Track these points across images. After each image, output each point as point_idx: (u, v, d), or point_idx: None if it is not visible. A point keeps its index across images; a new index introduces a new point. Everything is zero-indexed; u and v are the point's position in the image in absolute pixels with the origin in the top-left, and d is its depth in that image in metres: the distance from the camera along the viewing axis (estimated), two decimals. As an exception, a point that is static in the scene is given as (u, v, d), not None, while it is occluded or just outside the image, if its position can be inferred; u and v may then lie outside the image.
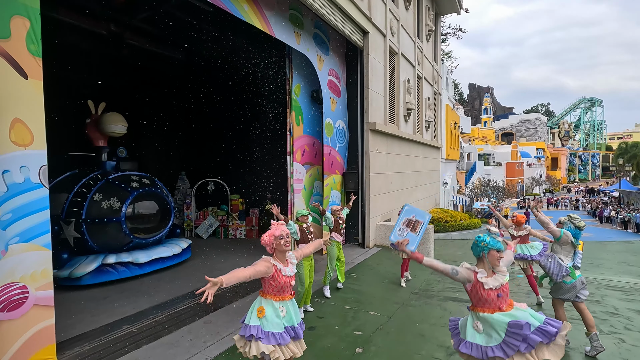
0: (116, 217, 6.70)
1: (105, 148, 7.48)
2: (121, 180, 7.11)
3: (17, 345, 3.46)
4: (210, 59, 10.60)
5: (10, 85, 3.39)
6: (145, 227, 7.20)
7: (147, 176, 7.68)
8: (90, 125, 7.37)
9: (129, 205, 6.85)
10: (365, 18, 9.26)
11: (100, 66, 9.22)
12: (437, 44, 18.81)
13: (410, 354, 4.15)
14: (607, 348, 4.35)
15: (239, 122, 11.56)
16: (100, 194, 6.76)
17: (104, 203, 6.72)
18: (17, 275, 3.47)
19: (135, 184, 7.19)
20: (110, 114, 7.39)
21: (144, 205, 7.22)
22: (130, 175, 7.33)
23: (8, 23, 3.37)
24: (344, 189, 9.48)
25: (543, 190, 57.89)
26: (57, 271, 6.06)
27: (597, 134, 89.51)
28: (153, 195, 7.39)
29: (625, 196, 37.71)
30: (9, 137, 3.40)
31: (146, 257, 6.89)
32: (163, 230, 7.54)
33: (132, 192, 6.95)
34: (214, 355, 4.01)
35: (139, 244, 7.09)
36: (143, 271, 6.86)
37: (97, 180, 6.96)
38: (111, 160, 7.51)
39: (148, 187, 7.33)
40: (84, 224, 6.55)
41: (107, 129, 7.31)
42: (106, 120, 7.28)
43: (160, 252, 7.20)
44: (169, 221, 7.66)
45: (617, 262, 10.60)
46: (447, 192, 24.40)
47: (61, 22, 7.65)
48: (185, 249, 7.84)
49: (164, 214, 7.55)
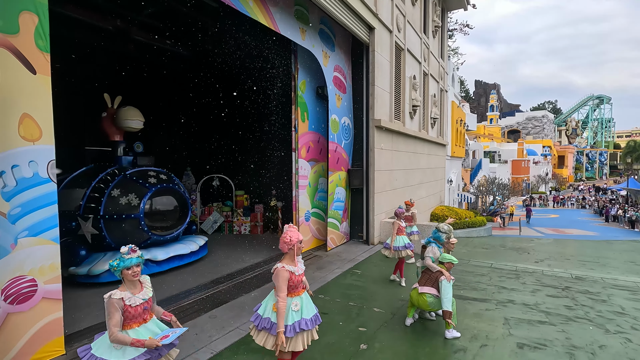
0: (134, 213, 6.58)
1: (121, 143, 7.38)
2: (139, 175, 6.98)
3: (26, 337, 3.52)
4: (216, 55, 10.60)
5: (19, 80, 3.42)
6: (163, 223, 7.09)
7: (164, 172, 7.55)
8: (106, 119, 7.25)
9: (147, 201, 6.76)
10: (371, 14, 9.20)
11: (108, 62, 9.26)
12: (444, 40, 18.65)
13: (415, 351, 4.16)
14: (613, 347, 4.33)
15: (244, 118, 11.58)
16: (118, 189, 6.64)
17: (122, 199, 6.59)
18: (26, 269, 3.53)
19: (152, 179, 7.07)
20: (127, 108, 7.24)
21: (161, 202, 7.09)
22: (147, 171, 7.22)
23: (17, 19, 3.39)
24: (348, 185, 9.47)
25: (549, 189, 57.42)
26: (75, 268, 6.03)
27: (605, 131, 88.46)
28: (171, 191, 7.27)
29: (633, 195, 37.27)
30: (18, 132, 3.43)
31: (164, 254, 6.80)
32: (180, 227, 7.42)
33: (150, 188, 6.83)
34: (219, 350, 4.05)
35: (157, 241, 6.98)
36: (161, 269, 6.76)
37: (115, 176, 6.82)
38: (127, 155, 7.40)
39: (166, 183, 7.22)
40: (101, 220, 6.45)
41: (124, 124, 7.18)
42: (122, 115, 7.16)
43: (178, 249, 7.11)
44: (187, 218, 7.55)
45: (624, 261, 10.50)
46: (452, 190, 24.28)
47: (73, 18, 7.70)
48: (202, 246, 7.73)
49: (182, 211, 7.44)
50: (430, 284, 4.56)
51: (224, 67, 11.05)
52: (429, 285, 4.56)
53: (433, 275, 4.56)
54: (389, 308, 5.36)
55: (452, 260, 4.60)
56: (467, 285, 6.68)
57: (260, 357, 3.94)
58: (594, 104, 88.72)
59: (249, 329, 3.26)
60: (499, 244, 13.15)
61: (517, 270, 7.92)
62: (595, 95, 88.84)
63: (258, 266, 7.35)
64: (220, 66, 11.08)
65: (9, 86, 3.33)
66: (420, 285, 4.63)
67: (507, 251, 11.52)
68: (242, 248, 8.99)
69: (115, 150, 7.32)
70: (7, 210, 3.39)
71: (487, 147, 51.58)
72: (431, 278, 4.58)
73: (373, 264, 7.76)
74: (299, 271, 3.10)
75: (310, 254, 8.26)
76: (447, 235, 4.78)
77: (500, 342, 4.43)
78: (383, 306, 5.42)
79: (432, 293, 4.50)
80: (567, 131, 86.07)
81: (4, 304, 3.36)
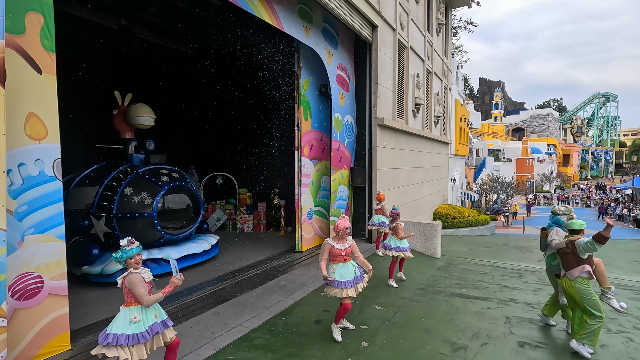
0: (147, 211, 6.50)
1: (132, 140, 7.31)
2: (151, 173, 6.91)
3: (33, 332, 3.59)
4: (220, 54, 10.63)
5: (25, 80, 3.46)
6: (176, 222, 7.00)
7: (176, 170, 7.48)
8: (117, 116, 7.19)
9: (160, 199, 6.68)
10: (374, 12, 9.18)
11: (117, 60, 9.29)
12: (448, 37, 18.55)
13: (416, 349, 4.18)
14: (615, 347, 4.33)
15: (247, 116, 11.61)
16: (130, 187, 6.54)
17: (135, 197, 6.50)
18: (32, 265, 3.58)
19: (165, 177, 6.98)
20: (138, 105, 7.17)
21: (174, 200, 7.01)
22: (159, 169, 7.16)
23: (23, 19, 3.43)
24: (351, 184, 9.48)
25: (554, 187, 57.05)
26: (89, 267, 6.00)
27: (611, 129, 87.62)
28: (184, 190, 7.19)
29: (639, 194, 36.94)
30: (24, 131, 3.48)
31: (177, 253, 6.71)
32: (193, 225, 7.34)
33: (163, 186, 6.74)
34: (222, 346, 4.09)
35: (169, 240, 6.90)
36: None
37: (127, 174, 6.74)
38: (138, 153, 7.34)
39: (178, 181, 7.14)
40: (114, 218, 6.37)
41: (135, 121, 7.11)
42: (134, 112, 7.09)
43: (191, 248, 7.05)
44: (199, 216, 7.48)
45: (628, 260, 10.46)
46: (456, 188, 24.22)
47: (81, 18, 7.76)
48: (214, 245, 7.66)
49: (194, 209, 7.38)
50: (574, 263, 3.99)
51: (227, 66, 11.08)
52: (573, 266, 3.99)
53: (571, 254, 3.99)
54: (390, 306, 5.39)
55: (582, 226, 4.09)
56: (469, 283, 6.69)
57: (263, 353, 3.98)
58: (600, 101, 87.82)
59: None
60: (502, 243, 13.12)
61: (519, 269, 7.91)
62: (602, 93, 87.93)
63: (261, 264, 7.40)
64: (223, 64, 11.11)
65: (15, 85, 3.37)
66: (567, 271, 4.05)
67: (510, 250, 11.50)
68: (245, 246, 9.04)
69: (126, 147, 7.27)
70: (14, 208, 3.45)
71: (491, 145, 51.30)
72: (572, 257, 3.98)
73: (375, 262, 7.78)
74: (342, 247, 4.23)
75: (312, 252, 8.29)
76: (568, 216, 4.41)
77: (501, 340, 4.45)
78: (385, 304, 5.45)
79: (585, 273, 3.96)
80: (572, 129, 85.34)
81: (12, 299, 3.42)
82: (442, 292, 6.17)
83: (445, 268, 7.78)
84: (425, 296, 5.93)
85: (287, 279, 6.39)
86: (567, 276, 4.09)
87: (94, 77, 8.39)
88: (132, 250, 3.04)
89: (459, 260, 8.54)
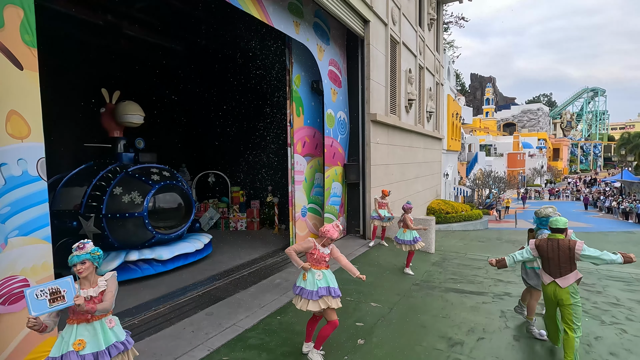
0: (138, 211, 6.37)
1: (121, 139, 7.16)
2: (141, 173, 6.77)
3: (20, 337, 3.47)
4: (210, 51, 10.48)
5: (5, 76, 3.33)
6: (167, 222, 6.88)
7: (167, 168, 7.35)
8: (105, 115, 7.03)
9: (151, 199, 6.54)
10: (366, 6, 9.10)
11: (100, 58, 9.10)
12: (439, 33, 18.55)
13: (412, 345, 4.16)
14: (608, 338, 4.36)
15: (239, 113, 11.47)
16: (120, 187, 6.41)
17: (125, 197, 6.37)
18: (17, 269, 3.46)
19: (155, 176, 6.83)
20: (126, 103, 7.01)
21: (165, 199, 6.88)
22: (150, 168, 7.02)
23: (1, 13, 3.29)
24: (345, 180, 9.44)
25: (544, 181, 57.75)
26: None
27: (599, 124, 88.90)
28: (175, 189, 7.07)
29: (627, 187, 37.58)
30: (5, 129, 3.35)
31: (169, 253, 6.61)
32: (185, 224, 7.23)
33: (154, 185, 6.61)
34: (216, 347, 4.02)
35: (161, 240, 6.78)
36: (166, 268, 6.56)
37: (116, 173, 6.60)
38: (128, 151, 7.19)
39: (169, 179, 7.01)
40: (104, 219, 6.25)
41: (123, 119, 6.96)
42: (122, 110, 6.94)
43: (183, 247, 6.93)
44: (191, 215, 7.37)
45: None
46: (449, 184, 24.35)
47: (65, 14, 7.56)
48: (207, 244, 7.57)
49: (186, 208, 7.27)
50: (568, 269, 3.59)
51: (218, 63, 10.92)
52: (567, 271, 3.58)
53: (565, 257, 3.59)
54: (386, 303, 5.36)
55: (566, 225, 3.73)
56: (464, 278, 6.70)
57: (257, 354, 3.92)
58: (588, 96, 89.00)
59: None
60: (495, 237, 13.23)
61: (513, 262, 7.95)
62: (590, 88, 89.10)
63: (254, 262, 7.32)
64: (215, 62, 10.95)
65: (-5, 82, 3.24)
66: (556, 278, 3.62)
67: (503, 244, 11.59)
68: (239, 244, 8.95)
69: (115, 146, 7.12)
70: (-4, 210, 3.32)
71: (483, 140, 51.67)
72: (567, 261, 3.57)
73: (370, 259, 7.76)
74: (326, 252, 3.73)
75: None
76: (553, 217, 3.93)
77: (497, 335, 4.45)
78: (380, 301, 5.42)
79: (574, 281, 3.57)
80: (562, 124, 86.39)
81: (-4, 304, 3.30)
82: (437, 287, 6.17)
83: (439, 263, 7.79)
84: (420, 292, 5.91)
85: (282, 277, 6.33)
86: (556, 283, 3.62)
87: (80, 74, 8.19)
88: (71, 259, 2.67)
89: (453, 255, 8.56)
